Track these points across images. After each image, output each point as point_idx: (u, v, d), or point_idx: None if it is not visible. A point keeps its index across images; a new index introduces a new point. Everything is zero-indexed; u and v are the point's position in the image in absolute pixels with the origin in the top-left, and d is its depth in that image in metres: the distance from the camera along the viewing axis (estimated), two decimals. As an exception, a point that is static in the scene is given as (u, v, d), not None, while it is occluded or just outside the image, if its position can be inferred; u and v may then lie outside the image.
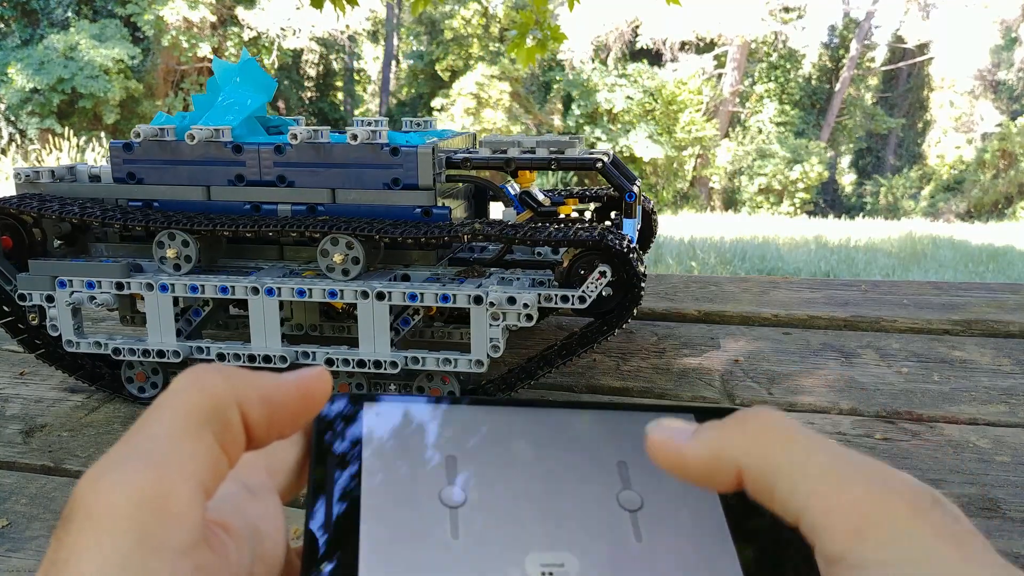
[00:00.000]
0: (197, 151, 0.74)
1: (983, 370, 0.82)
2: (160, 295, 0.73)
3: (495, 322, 0.70)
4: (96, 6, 9.99)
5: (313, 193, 0.74)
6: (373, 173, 0.73)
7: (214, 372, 0.19)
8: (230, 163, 0.74)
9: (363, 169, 0.73)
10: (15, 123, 9.08)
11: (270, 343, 0.72)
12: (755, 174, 11.38)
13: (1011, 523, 0.55)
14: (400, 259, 0.78)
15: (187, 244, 0.73)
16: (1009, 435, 0.68)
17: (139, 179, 0.76)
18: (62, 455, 0.68)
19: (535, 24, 3.14)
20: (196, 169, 0.75)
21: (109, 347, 0.75)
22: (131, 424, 0.67)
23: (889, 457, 0.64)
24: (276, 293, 0.71)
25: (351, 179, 0.73)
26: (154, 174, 0.75)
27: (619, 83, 11.86)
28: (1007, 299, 1.03)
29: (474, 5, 11.96)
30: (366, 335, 0.71)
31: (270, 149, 0.74)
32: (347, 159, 0.73)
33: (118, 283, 0.73)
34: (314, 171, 0.74)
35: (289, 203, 0.74)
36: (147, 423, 0.18)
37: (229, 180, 0.75)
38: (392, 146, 0.72)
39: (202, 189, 0.75)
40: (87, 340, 0.75)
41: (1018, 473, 0.62)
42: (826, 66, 13.36)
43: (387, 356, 0.71)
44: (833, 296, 1.06)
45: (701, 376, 0.82)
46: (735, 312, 0.99)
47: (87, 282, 0.73)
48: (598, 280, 0.70)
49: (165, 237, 0.73)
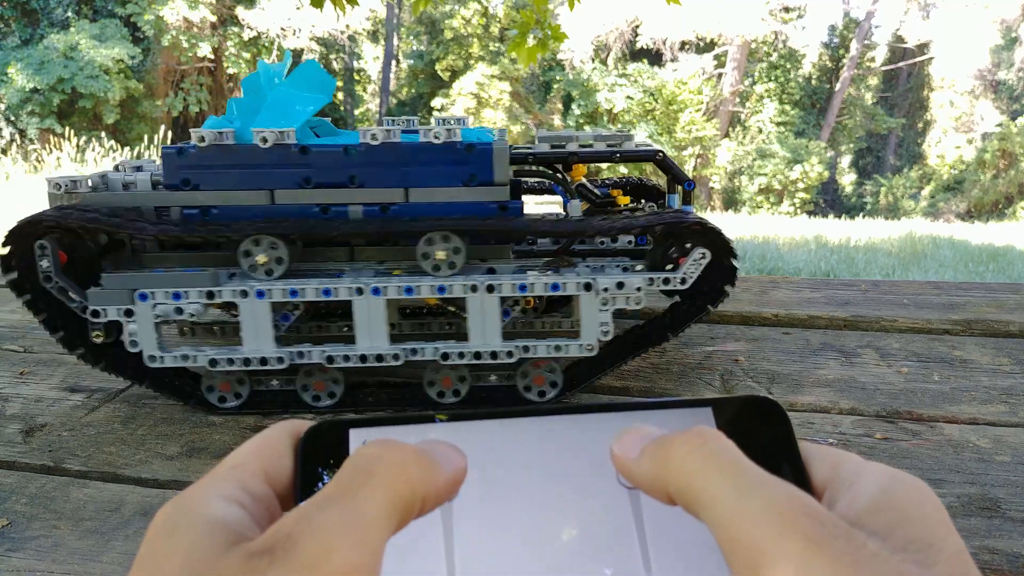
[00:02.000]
0: (261, 154, 0.71)
1: (983, 370, 0.82)
2: (256, 302, 0.70)
3: (604, 307, 0.73)
4: (96, 6, 9.99)
5: (386, 193, 0.73)
6: (448, 171, 0.73)
7: (415, 457, 0.20)
8: (298, 165, 0.72)
9: (437, 167, 0.73)
10: (15, 123, 9.08)
11: (377, 342, 0.72)
12: (755, 174, 11.38)
13: (1011, 523, 0.55)
14: (476, 254, 0.78)
15: (276, 248, 0.70)
16: (1009, 435, 0.68)
17: (195, 185, 0.72)
18: (62, 455, 0.68)
19: (536, 23, 3.14)
20: (260, 173, 0.72)
21: (199, 360, 0.71)
22: (131, 424, 0.66)
23: (889, 457, 0.64)
24: (382, 292, 0.70)
25: (425, 177, 0.73)
26: (212, 179, 0.72)
27: (619, 83, 11.86)
28: (1007, 299, 1.03)
29: (474, 5, 11.96)
30: (476, 328, 0.72)
31: (339, 151, 0.72)
32: (421, 158, 0.73)
33: (208, 292, 0.69)
34: (386, 171, 0.73)
35: (360, 204, 0.73)
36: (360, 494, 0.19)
37: (296, 183, 0.72)
38: (467, 143, 0.73)
39: (266, 193, 0.72)
40: (172, 354, 0.71)
41: (1018, 473, 0.62)
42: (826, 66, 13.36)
43: (499, 347, 0.72)
44: (833, 296, 1.06)
45: (701, 376, 0.82)
46: (735, 311, 0.99)
47: (173, 293, 0.69)
48: (699, 261, 0.74)
49: (251, 244, 0.70)
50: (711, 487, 0.19)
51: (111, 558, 0.53)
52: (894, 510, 0.20)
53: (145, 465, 0.66)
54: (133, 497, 0.61)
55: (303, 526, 0.18)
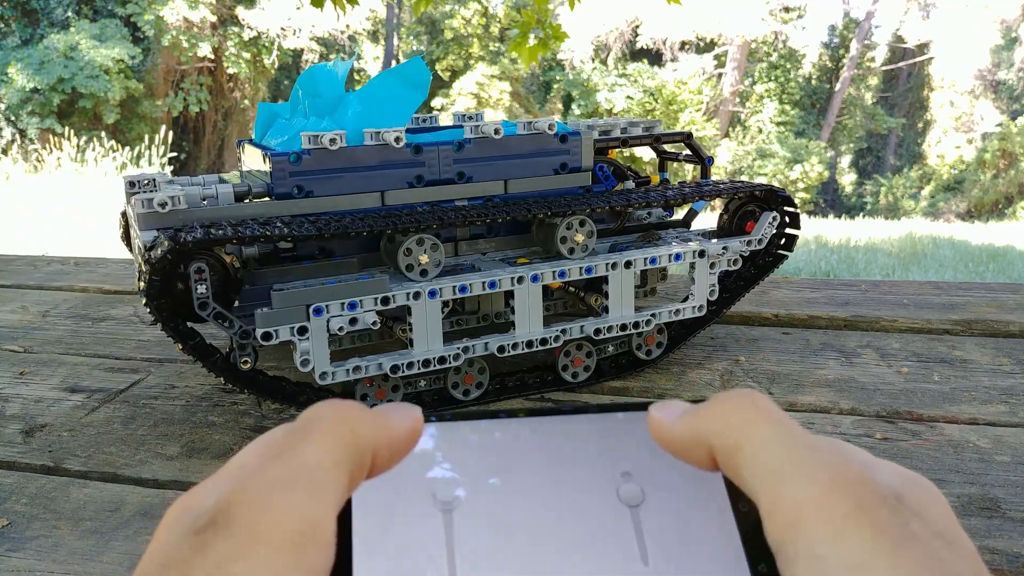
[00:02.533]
0: (375, 156, 0.71)
1: (983, 370, 0.82)
2: (429, 302, 0.69)
3: (712, 270, 0.80)
4: (96, 6, 9.99)
5: (489, 186, 0.76)
6: (544, 161, 0.77)
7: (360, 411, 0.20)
8: (409, 164, 0.73)
9: (535, 158, 0.77)
10: (15, 123, 9.08)
11: (533, 329, 0.74)
12: (755, 174, 11.38)
13: (1011, 523, 0.55)
14: None
15: (436, 248, 0.70)
16: (1009, 435, 0.68)
17: (308, 192, 0.70)
18: (62, 455, 0.68)
19: (536, 23, 3.14)
20: (372, 175, 0.71)
21: (370, 370, 0.68)
22: (131, 424, 0.66)
23: (890, 457, 0.64)
24: (540, 279, 0.73)
25: (523, 168, 0.77)
26: (325, 185, 0.70)
27: (619, 83, 11.86)
28: (1007, 299, 1.03)
29: (474, 5, 11.96)
30: (616, 302, 0.76)
31: (450, 147, 0.74)
32: (520, 150, 0.76)
33: (383, 298, 0.67)
34: (490, 164, 0.76)
35: (466, 198, 0.75)
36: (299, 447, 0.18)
37: (408, 182, 0.73)
38: (562, 133, 0.78)
39: (377, 195, 0.72)
40: (344, 367, 0.67)
41: (1018, 473, 0.62)
42: (826, 66, 13.36)
43: (634, 317, 0.77)
44: (833, 296, 1.06)
45: (701, 376, 0.82)
46: (735, 311, 0.99)
47: (348, 304, 0.66)
48: (771, 224, 0.82)
49: (414, 243, 0.69)
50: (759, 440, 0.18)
51: (111, 558, 0.53)
52: (912, 508, 0.19)
53: (145, 465, 0.66)
54: (133, 497, 0.61)
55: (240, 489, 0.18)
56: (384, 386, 0.72)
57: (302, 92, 0.79)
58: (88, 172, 7.12)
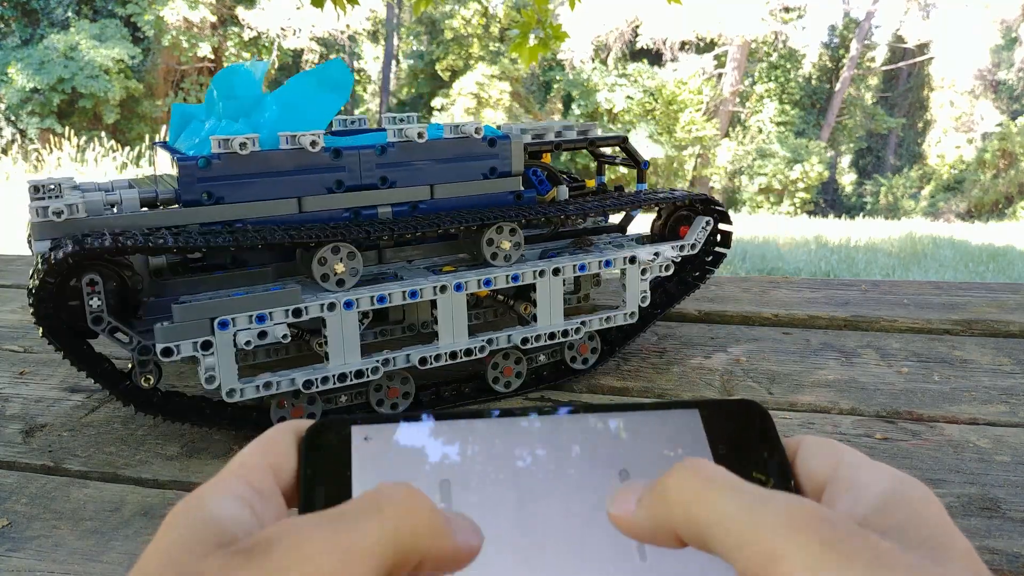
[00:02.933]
0: (291, 160, 0.68)
1: (983, 370, 0.82)
2: (345, 313, 0.66)
3: (644, 276, 0.80)
4: (96, 6, 9.99)
5: (414, 191, 0.73)
6: (472, 165, 0.75)
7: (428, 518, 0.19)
8: (328, 169, 0.69)
9: (462, 163, 0.75)
10: (15, 123, 9.08)
11: (458, 339, 0.71)
12: (755, 174, 11.38)
13: (1011, 523, 0.55)
14: None
15: (353, 257, 0.67)
16: (1009, 435, 0.68)
17: (218, 198, 0.66)
18: (62, 455, 0.68)
19: (537, 23, 3.14)
20: (288, 180, 0.68)
21: (282, 385, 0.64)
22: (131, 424, 0.66)
23: (889, 457, 0.64)
24: (464, 288, 0.70)
25: (450, 173, 0.74)
26: (236, 191, 0.67)
27: (619, 83, 11.86)
28: (1007, 299, 1.03)
29: (474, 5, 11.96)
30: (544, 310, 0.75)
31: (372, 151, 0.71)
32: (447, 154, 0.74)
33: (295, 310, 0.63)
34: (416, 169, 0.73)
35: (389, 204, 0.72)
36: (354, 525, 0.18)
37: (327, 188, 0.69)
38: (490, 137, 0.75)
39: (294, 201, 0.68)
40: (254, 383, 0.63)
41: (1018, 473, 0.62)
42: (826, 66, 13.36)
43: (563, 325, 0.76)
44: (833, 296, 1.06)
45: (701, 376, 0.82)
46: (735, 312, 0.99)
47: (257, 316, 0.62)
48: (704, 228, 0.82)
49: (328, 252, 0.66)
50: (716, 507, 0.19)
51: (111, 558, 0.53)
52: (902, 511, 0.20)
53: (145, 465, 0.66)
54: (133, 497, 0.61)
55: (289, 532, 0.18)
56: (297, 403, 0.67)
57: (217, 93, 0.75)
58: (88, 172, 7.13)
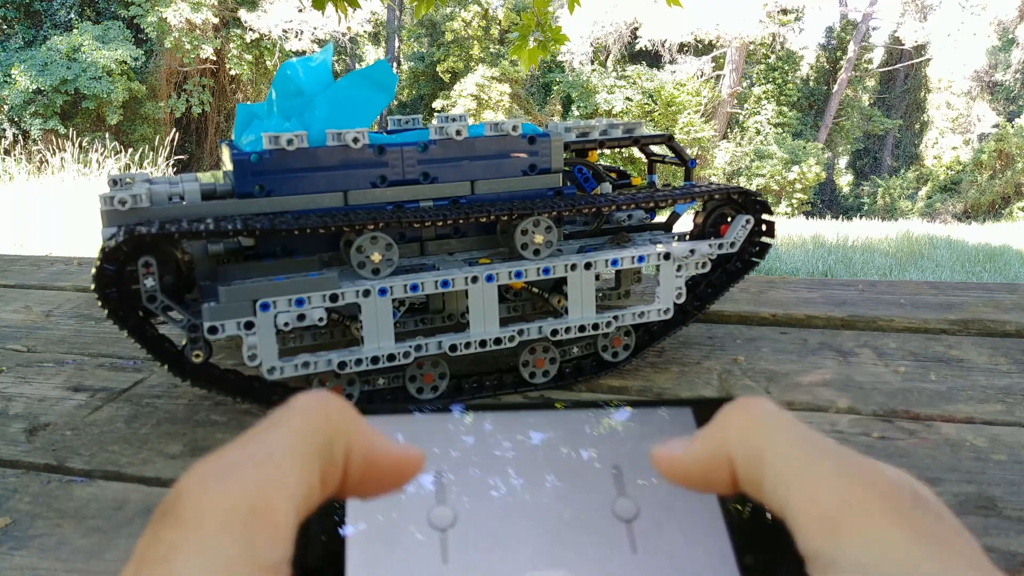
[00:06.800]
0: (338, 156, 0.72)
1: (980, 369, 0.82)
2: (379, 300, 0.70)
3: (679, 273, 0.79)
4: (99, 8, 9.99)
5: (455, 187, 0.76)
6: (512, 162, 0.77)
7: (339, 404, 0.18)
8: (372, 165, 0.73)
9: (502, 159, 0.77)
10: (19, 124, 9.07)
11: (489, 329, 0.73)
12: (753, 175, 11.38)
13: (1008, 521, 0.56)
14: None
15: (391, 247, 0.70)
16: (1006, 434, 0.69)
17: (268, 191, 0.70)
18: (65, 454, 0.68)
19: (536, 26, 3.14)
20: (334, 175, 0.72)
21: (319, 366, 0.68)
22: (134, 423, 0.66)
23: (886, 456, 0.65)
24: (495, 279, 0.72)
25: (490, 169, 0.76)
26: (286, 184, 0.71)
27: (618, 84, 11.87)
28: (1004, 299, 1.03)
29: (475, 7, 11.97)
30: (575, 303, 0.76)
31: (414, 148, 0.74)
32: (487, 151, 0.76)
33: (332, 295, 0.68)
34: (456, 165, 0.75)
35: (431, 199, 0.75)
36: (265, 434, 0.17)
37: (371, 182, 0.73)
38: (529, 135, 0.77)
39: (340, 195, 0.72)
40: (293, 362, 0.68)
41: (1014, 471, 0.62)
42: (823, 68, 13.38)
43: (596, 319, 0.77)
44: (831, 296, 1.06)
45: (700, 375, 0.82)
46: (733, 311, 1.00)
47: (296, 300, 0.67)
48: (744, 227, 0.81)
49: (367, 242, 0.70)
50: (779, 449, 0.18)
51: (114, 556, 0.54)
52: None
53: (148, 464, 0.66)
54: (136, 496, 0.61)
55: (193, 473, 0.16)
56: (337, 382, 0.72)
57: (275, 93, 0.79)
58: (91, 173, 7.12)
